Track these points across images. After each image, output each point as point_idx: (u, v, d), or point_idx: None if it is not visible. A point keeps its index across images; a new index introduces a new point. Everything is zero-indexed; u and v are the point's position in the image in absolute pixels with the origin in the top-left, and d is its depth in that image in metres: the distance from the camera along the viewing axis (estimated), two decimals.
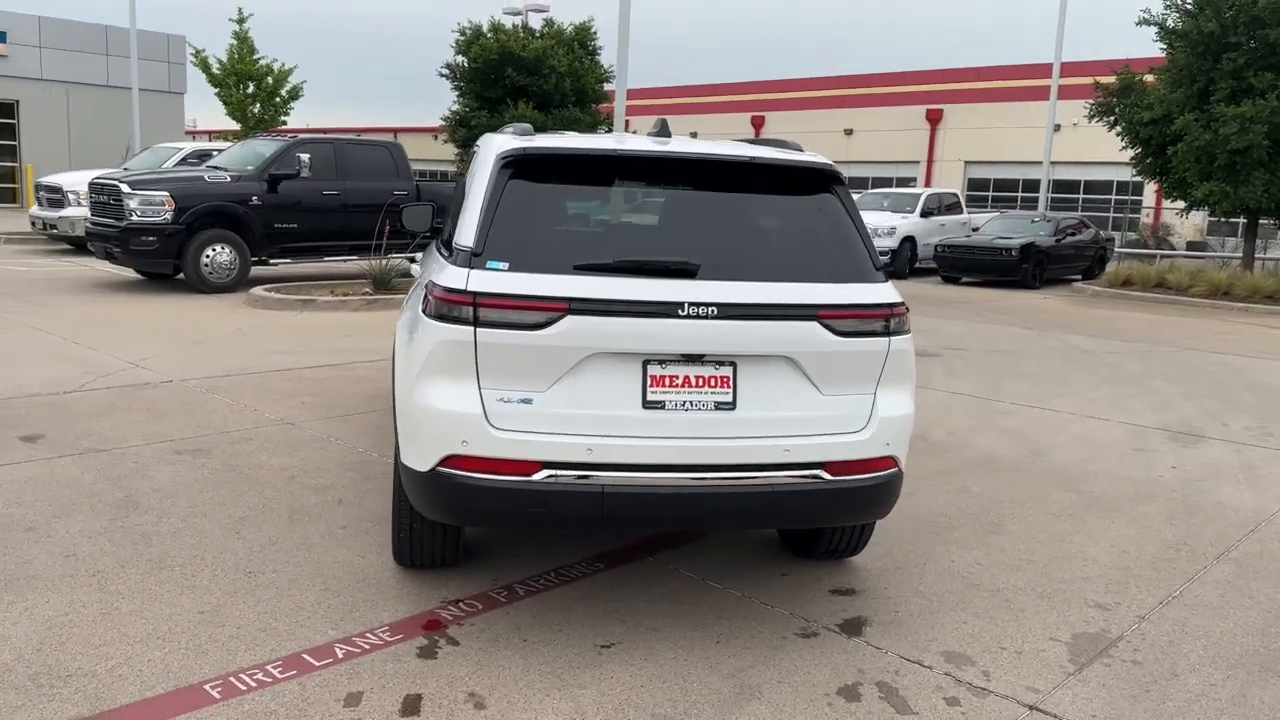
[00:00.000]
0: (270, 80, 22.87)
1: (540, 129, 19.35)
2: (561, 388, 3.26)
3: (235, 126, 21.71)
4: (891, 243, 21.27)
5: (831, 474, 3.43)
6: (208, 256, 12.48)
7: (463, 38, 34.61)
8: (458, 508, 3.34)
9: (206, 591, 3.76)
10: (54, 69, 33.45)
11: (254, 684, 3.11)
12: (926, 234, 22.11)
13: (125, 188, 12.33)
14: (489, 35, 34.30)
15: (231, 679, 3.13)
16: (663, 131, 3.92)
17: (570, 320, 3.19)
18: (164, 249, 12.26)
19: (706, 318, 3.24)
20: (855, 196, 24.67)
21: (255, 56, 23.02)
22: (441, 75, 35.64)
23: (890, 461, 3.56)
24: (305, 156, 13.17)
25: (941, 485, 5.59)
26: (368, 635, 3.48)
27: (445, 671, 3.24)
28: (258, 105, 23.12)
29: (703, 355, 3.31)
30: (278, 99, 23.33)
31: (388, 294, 12.47)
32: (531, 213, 3.39)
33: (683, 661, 3.39)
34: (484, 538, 4.38)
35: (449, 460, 3.27)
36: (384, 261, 12.68)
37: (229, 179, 12.96)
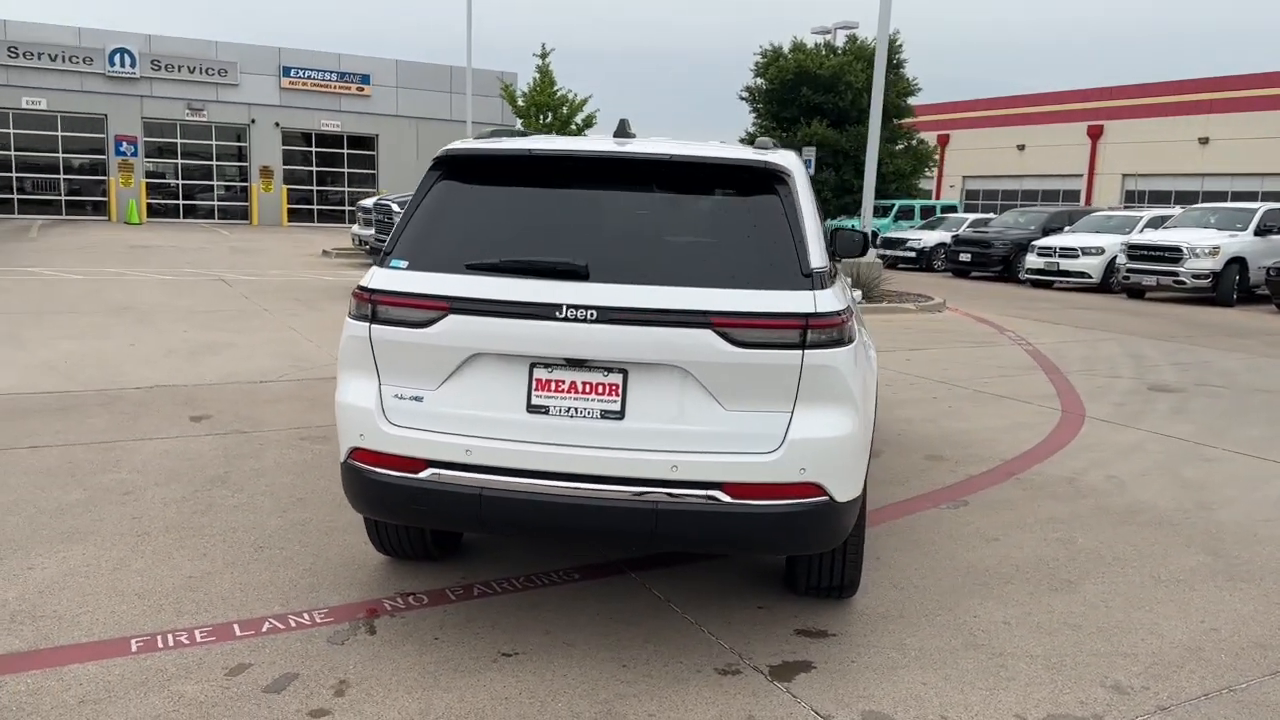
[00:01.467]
0: (565, 110, 24.46)
1: (832, 147, 18.84)
2: (450, 387, 3.26)
3: None
4: (1213, 264, 18.67)
5: (732, 496, 3.13)
6: None
7: (762, 59, 35.05)
8: (360, 499, 3.43)
9: (210, 560, 4.14)
10: (407, 106, 38.07)
11: (170, 644, 3.39)
12: (1261, 255, 19.13)
13: (394, 206, 13.80)
14: (788, 56, 34.46)
15: (157, 637, 3.44)
16: (621, 132, 3.78)
17: (452, 319, 3.19)
18: None
19: (586, 321, 3.10)
20: (1174, 211, 22.14)
21: (555, 88, 24.76)
22: (741, 98, 36.34)
23: (810, 489, 3.18)
24: None
25: (1041, 534, 4.87)
26: (304, 615, 3.67)
27: (338, 657, 3.35)
28: (554, 133, 24.83)
29: (587, 360, 3.16)
30: (572, 126, 24.87)
31: None
32: (449, 213, 3.41)
33: (568, 680, 3.25)
34: (483, 536, 4.44)
35: (354, 453, 3.38)
36: None
37: None
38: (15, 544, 4.22)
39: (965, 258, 23.95)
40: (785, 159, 3.44)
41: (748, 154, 3.43)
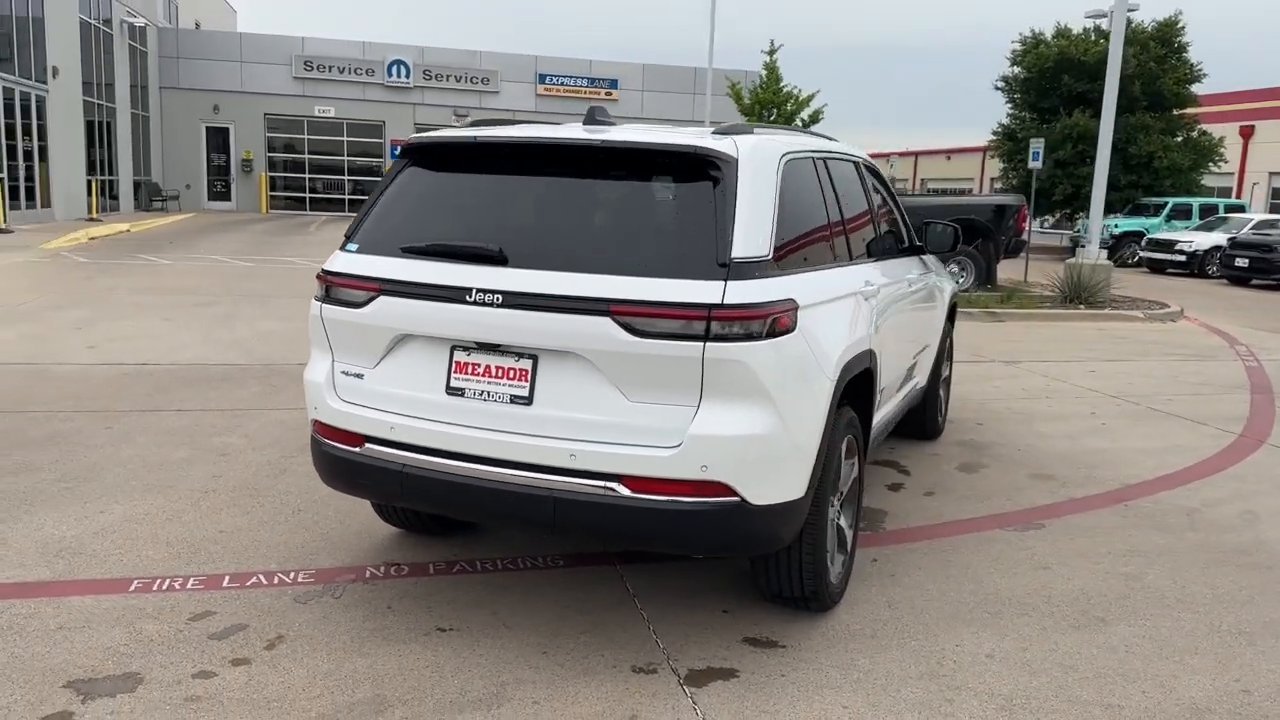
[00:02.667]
0: (789, 106, 24.10)
1: (1095, 138, 17.27)
2: (386, 365, 3.39)
3: None
4: None
5: (631, 490, 3.04)
6: None
7: (1021, 47, 32.90)
8: (319, 469, 3.63)
9: (249, 518, 4.54)
10: (651, 108, 39.05)
11: (163, 588, 3.76)
12: None
13: None
14: (1049, 42, 32.12)
15: (157, 581, 3.82)
16: (591, 119, 3.73)
17: (382, 300, 3.31)
18: None
19: (493, 305, 3.12)
20: None
21: (780, 85, 24.47)
22: (997, 88, 34.38)
23: (716, 488, 3.03)
24: None
25: (1108, 566, 4.32)
26: (291, 574, 3.94)
27: (291, 615, 3.58)
28: None
29: (500, 345, 3.18)
30: (797, 123, 24.43)
31: None
32: (403, 199, 3.54)
33: (480, 660, 3.29)
34: None
35: (314, 425, 3.60)
36: None
37: None
38: (104, 491, 4.83)
39: (1242, 263, 21.25)
40: (729, 145, 3.27)
41: (685, 139, 3.31)
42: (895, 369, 4.72)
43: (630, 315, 2.99)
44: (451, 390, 3.27)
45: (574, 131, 3.44)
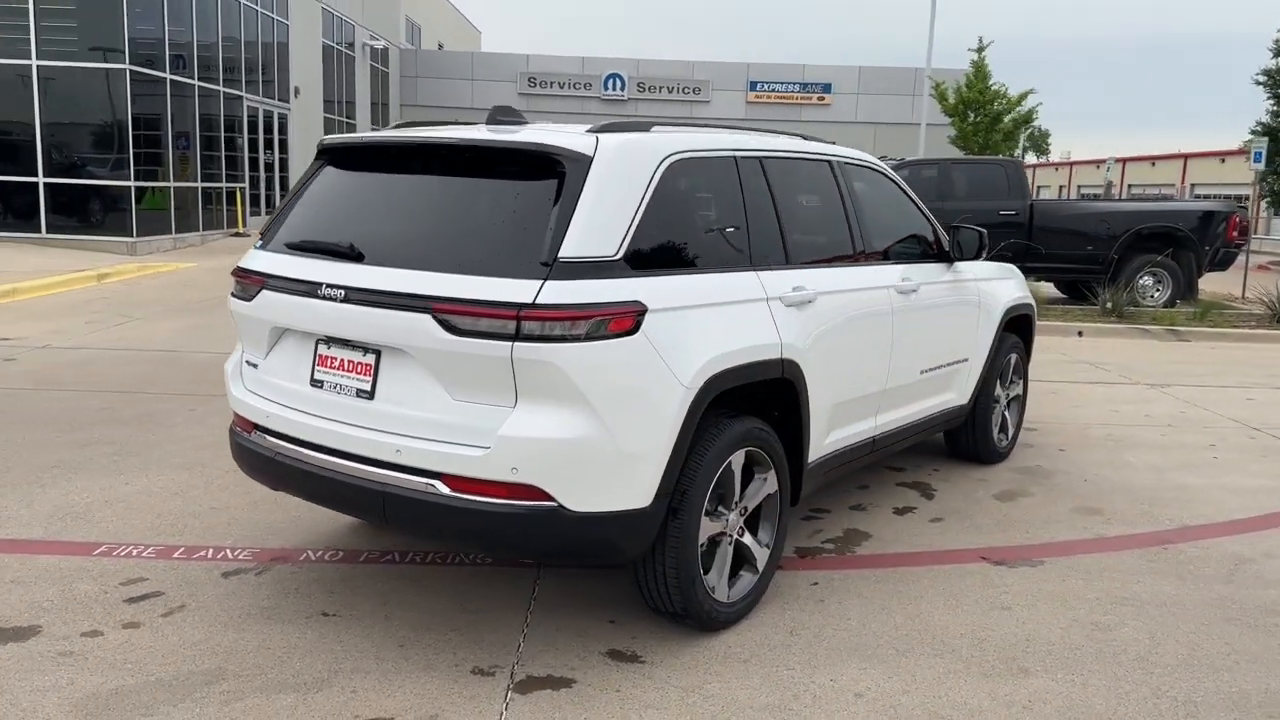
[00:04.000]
0: (996, 105, 22.67)
1: None
2: (273, 356, 3.57)
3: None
4: None
5: (451, 489, 3.04)
6: None
7: None
8: (232, 454, 3.86)
9: (246, 497, 4.86)
10: (866, 112, 38.08)
11: (121, 554, 4.13)
12: None
13: None
14: None
15: (121, 547, 4.19)
16: (493, 119, 3.72)
17: (264, 294, 3.49)
18: None
19: (336, 300, 3.22)
20: None
21: (989, 83, 23.08)
22: (1258, 83, 30.91)
23: (528, 491, 2.97)
24: None
25: (1083, 613, 3.84)
26: (236, 550, 4.21)
27: (205, 588, 3.83)
28: (983, 133, 23.11)
29: (348, 340, 3.27)
30: (1002, 125, 22.98)
31: None
32: (305, 198, 3.68)
33: (329, 647, 3.39)
34: None
35: (233, 415, 3.84)
36: None
37: None
38: (142, 466, 5.35)
39: None
40: (587, 144, 3.19)
41: (536, 138, 3.26)
42: (869, 383, 4.40)
43: (449, 313, 2.99)
44: (314, 382, 3.40)
45: (457, 133, 3.49)
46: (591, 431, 3.00)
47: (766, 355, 3.59)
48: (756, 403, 3.69)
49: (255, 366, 3.66)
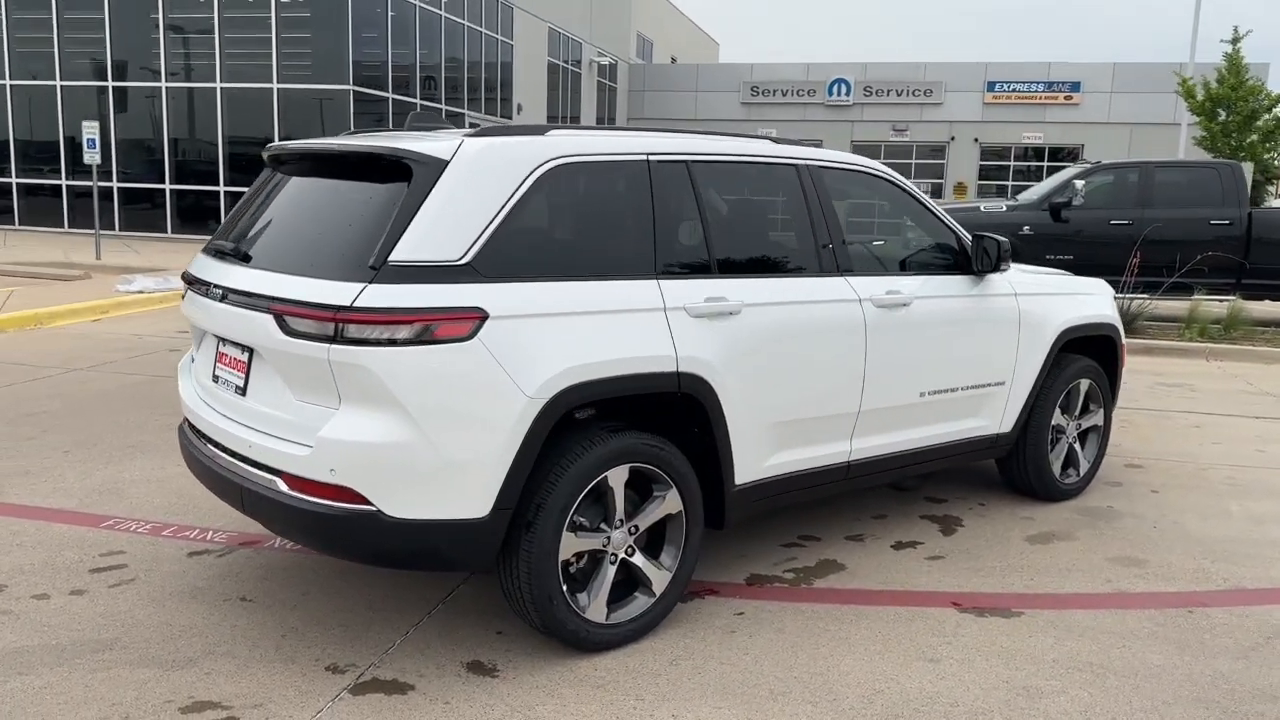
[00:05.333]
0: (1250, 103, 20.00)
1: None
2: (200, 352, 3.81)
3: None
4: None
5: (289, 487, 3.12)
6: None
7: None
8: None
9: None
10: (1120, 111, 35.09)
11: (120, 528, 4.53)
12: None
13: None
14: None
15: (126, 522, 4.61)
16: (411, 124, 3.73)
17: (188, 294, 3.73)
18: None
19: (217, 300, 3.39)
20: None
21: (1244, 79, 20.44)
22: None
23: (344, 494, 3.00)
24: (1080, 184, 12.23)
25: (1018, 676, 3.38)
26: (213, 533, 4.49)
27: (166, 565, 4.13)
28: (1234, 135, 20.46)
29: (228, 338, 3.43)
30: (1261, 124, 20.22)
31: (1131, 337, 10.87)
32: (243, 203, 3.87)
33: (214, 630, 3.56)
34: None
35: None
36: (1129, 302, 11.05)
37: (1004, 209, 12.88)
38: None
39: None
40: (445, 148, 3.17)
41: (392, 142, 3.27)
42: (833, 404, 4.06)
43: (283, 313, 3.08)
44: (214, 378, 3.60)
45: (333, 141, 3.61)
46: (408, 437, 2.98)
47: (654, 368, 3.41)
48: (663, 417, 3.53)
49: (193, 361, 3.92)
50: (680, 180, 3.70)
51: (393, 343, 2.95)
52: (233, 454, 3.38)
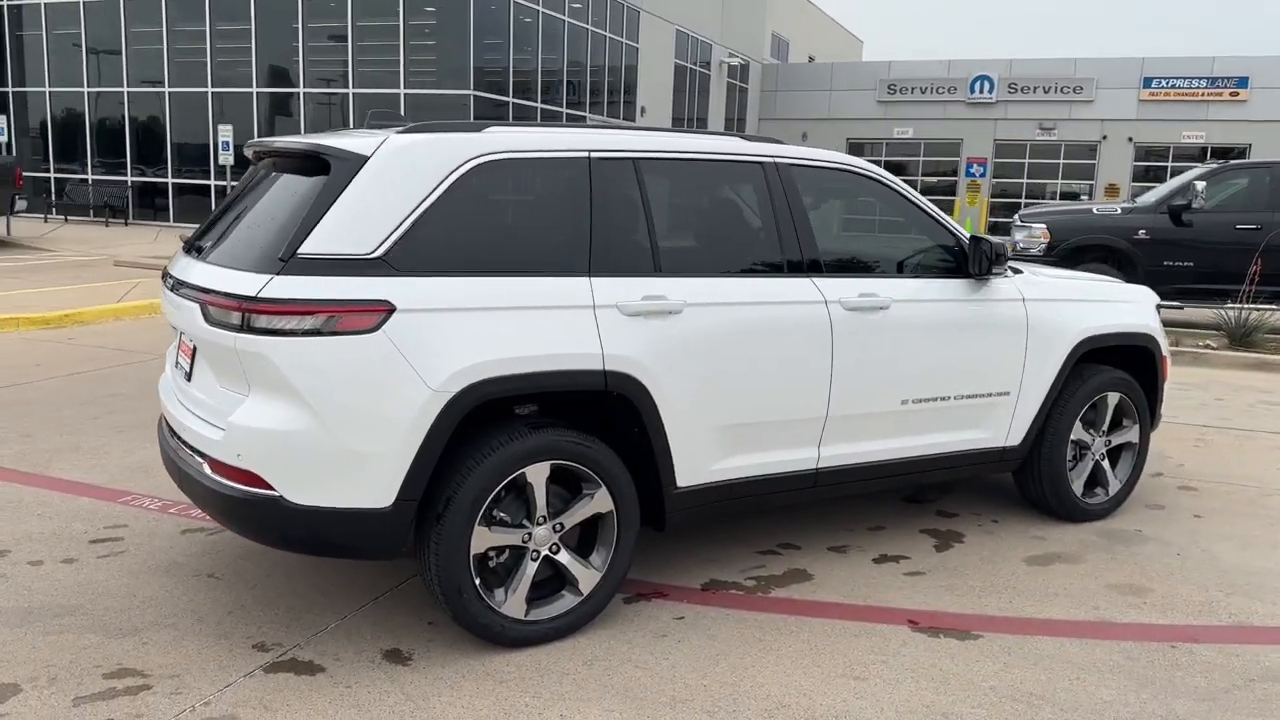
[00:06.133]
0: None
1: None
2: (172, 346, 4.01)
3: None
4: None
5: (211, 470, 3.27)
6: None
7: None
8: None
9: None
10: None
11: (137, 505, 4.84)
12: None
13: (1016, 219, 12.82)
14: None
15: (142, 499, 4.91)
16: (369, 121, 3.80)
17: (163, 288, 3.95)
18: None
19: (173, 291, 3.56)
20: None
21: None
22: None
23: (248, 478, 3.11)
24: (1201, 185, 11.36)
25: (941, 701, 3.19)
26: (189, 512, 4.75)
27: (157, 541, 4.38)
28: None
29: (177, 326, 3.61)
30: None
31: (1245, 350, 10.08)
32: (226, 199, 4.09)
33: (172, 604, 3.75)
34: None
35: None
36: (1244, 313, 10.22)
37: (1119, 212, 12.12)
38: None
39: None
40: (367, 144, 3.25)
41: (319, 139, 3.37)
42: (794, 408, 3.93)
43: (206, 303, 3.23)
44: (177, 365, 3.79)
45: (281, 140, 3.73)
46: (308, 426, 3.07)
47: (576, 365, 3.39)
48: (599, 415, 3.53)
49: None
50: (625, 178, 3.66)
51: (295, 333, 3.05)
52: (177, 437, 3.56)
